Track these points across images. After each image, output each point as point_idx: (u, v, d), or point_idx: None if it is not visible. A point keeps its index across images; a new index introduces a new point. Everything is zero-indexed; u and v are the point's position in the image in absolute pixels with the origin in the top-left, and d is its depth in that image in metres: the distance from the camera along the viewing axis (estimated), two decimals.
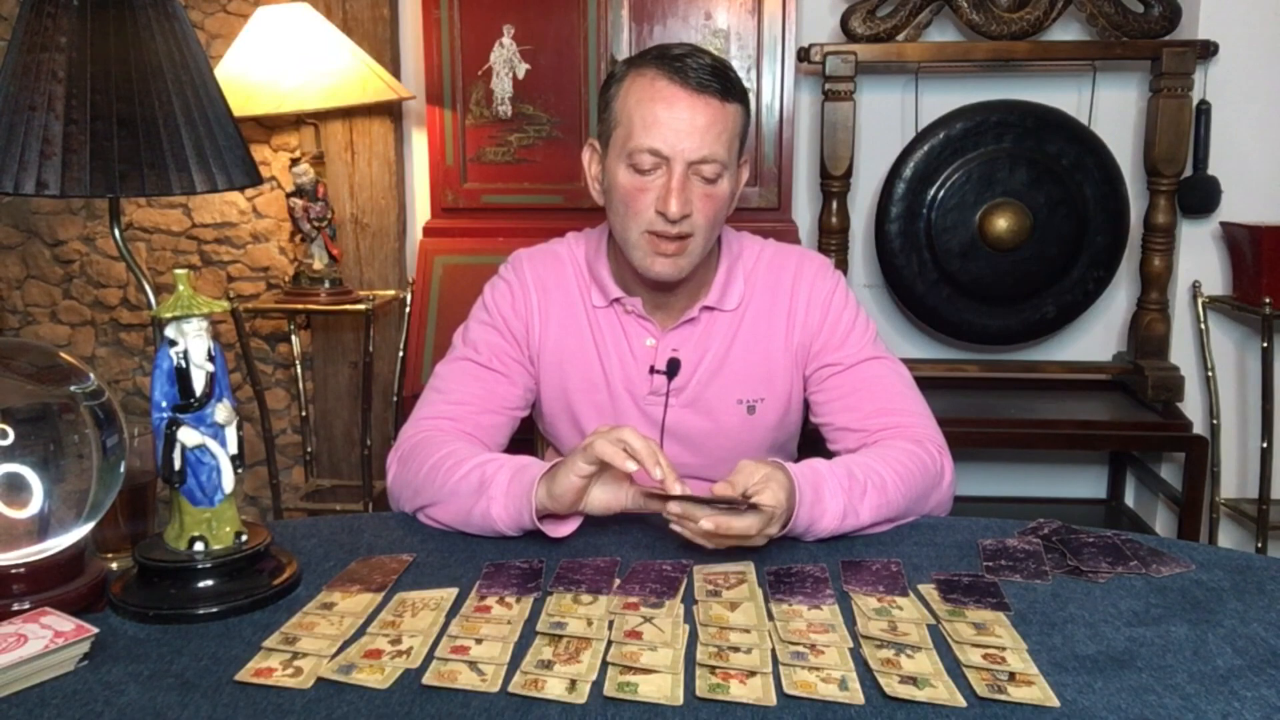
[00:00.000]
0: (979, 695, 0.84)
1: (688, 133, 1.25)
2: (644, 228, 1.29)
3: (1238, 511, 2.49)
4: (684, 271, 1.32)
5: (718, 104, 1.26)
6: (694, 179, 1.28)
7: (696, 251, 1.31)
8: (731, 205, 1.36)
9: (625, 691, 0.84)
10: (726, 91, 1.27)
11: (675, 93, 1.25)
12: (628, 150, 1.28)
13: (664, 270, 1.31)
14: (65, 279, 2.81)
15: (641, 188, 1.28)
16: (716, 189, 1.29)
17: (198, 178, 1.62)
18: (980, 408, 2.48)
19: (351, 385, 2.74)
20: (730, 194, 1.32)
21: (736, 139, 1.30)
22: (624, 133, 1.29)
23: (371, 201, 2.67)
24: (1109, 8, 2.39)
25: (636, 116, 1.27)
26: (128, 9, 1.59)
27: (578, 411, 1.43)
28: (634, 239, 1.31)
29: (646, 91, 1.27)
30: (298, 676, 0.87)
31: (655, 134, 1.26)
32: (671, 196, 1.26)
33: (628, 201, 1.30)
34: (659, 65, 1.27)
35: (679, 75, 1.25)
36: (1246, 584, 1.07)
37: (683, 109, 1.25)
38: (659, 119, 1.26)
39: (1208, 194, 2.46)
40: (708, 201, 1.29)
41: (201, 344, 1.01)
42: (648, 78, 1.27)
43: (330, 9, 2.56)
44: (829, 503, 1.16)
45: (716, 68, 1.27)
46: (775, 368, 1.41)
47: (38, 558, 0.98)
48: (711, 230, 1.32)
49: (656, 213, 1.27)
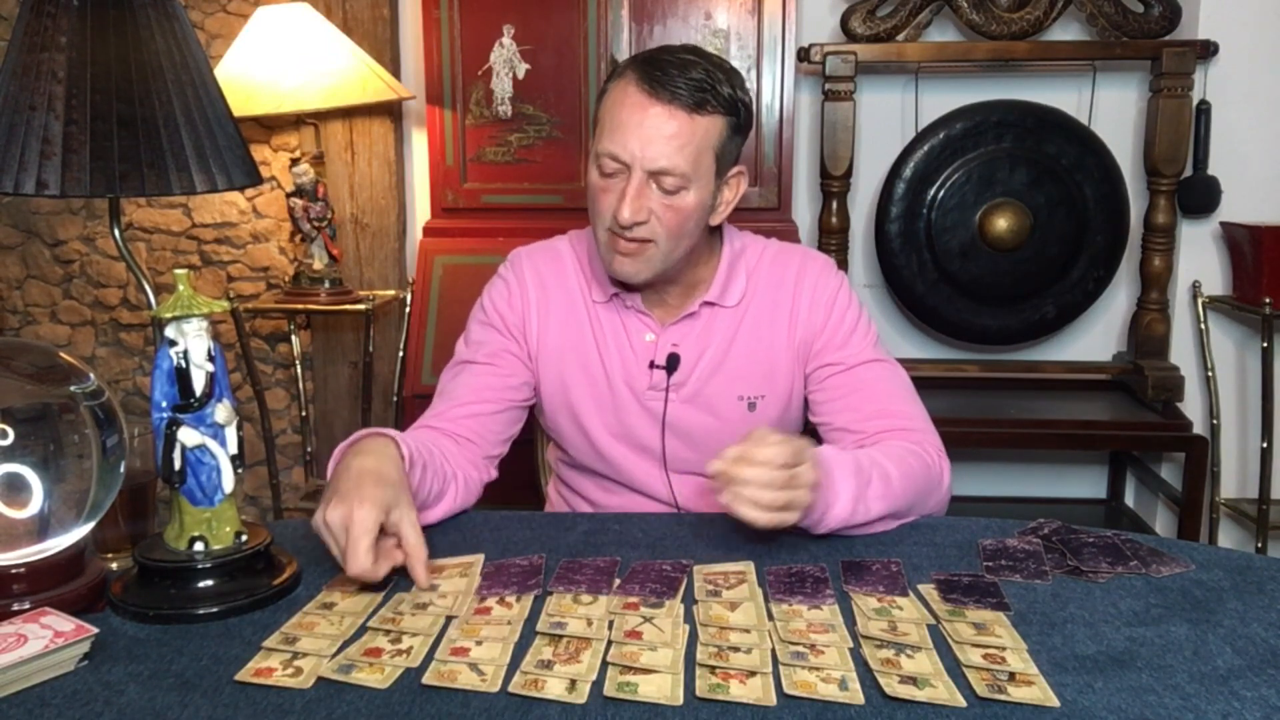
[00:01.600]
0: (979, 695, 0.84)
1: (649, 142, 1.25)
2: (605, 226, 1.31)
3: (1238, 511, 2.49)
4: (643, 275, 1.33)
5: (685, 116, 1.25)
6: (653, 188, 1.27)
7: (657, 259, 1.31)
8: (715, 216, 1.35)
9: (625, 691, 0.84)
10: (700, 104, 1.25)
11: (643, 101, 1.25)
12: (595, 151, 1.30)
13: (622, 268, 1.32)
14: (65, 279, 2.81)
15: (604, 189, 1.30)
16: (678, 201, 1.28)
17: (198, 178, 1.62)
18: (980, 408, 2.48)
19: (351, 385, 2.74)
20: (698, 206, 1.29)
21: (709, 151, 1.28)
22: (597, 134, 1.31)
23: (371, 201, 2.67)
24: (1109, 8, 2.39)
25: (607, 119, 1.29)
26: (128, 9, 1.59)
27: (578, 407, 1.43)
28: (599, 236, 1.33)
29: (620, 96, 1.28)
30: (298, 676, 0.87)
31: (617, 139, 1.26)
32: (624, 203, 1.26)
33: (594, 200, 1.32)
34: (639, 71, 1.27)
35: (653, 84, 1.25)
36: (1246, 584, 1.07)
37: (648, 117, 1.25)
38: (622, 124, 1.26)
39: (1208, 194, 2.46)
40: (669, 212, 1.28)
41: (201, 344, 1.01)
42: (625, 81, 1.28)
43: (330, 9, 2.56)
44: (840, 487, 1.15)
45: (700, 81, 1.25)
46: (777, 365, 1.41)
47: (38, 558, 0.98)
48: (676, 240, 1.31)
49: (613, 215, 1.28)
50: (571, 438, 1.46)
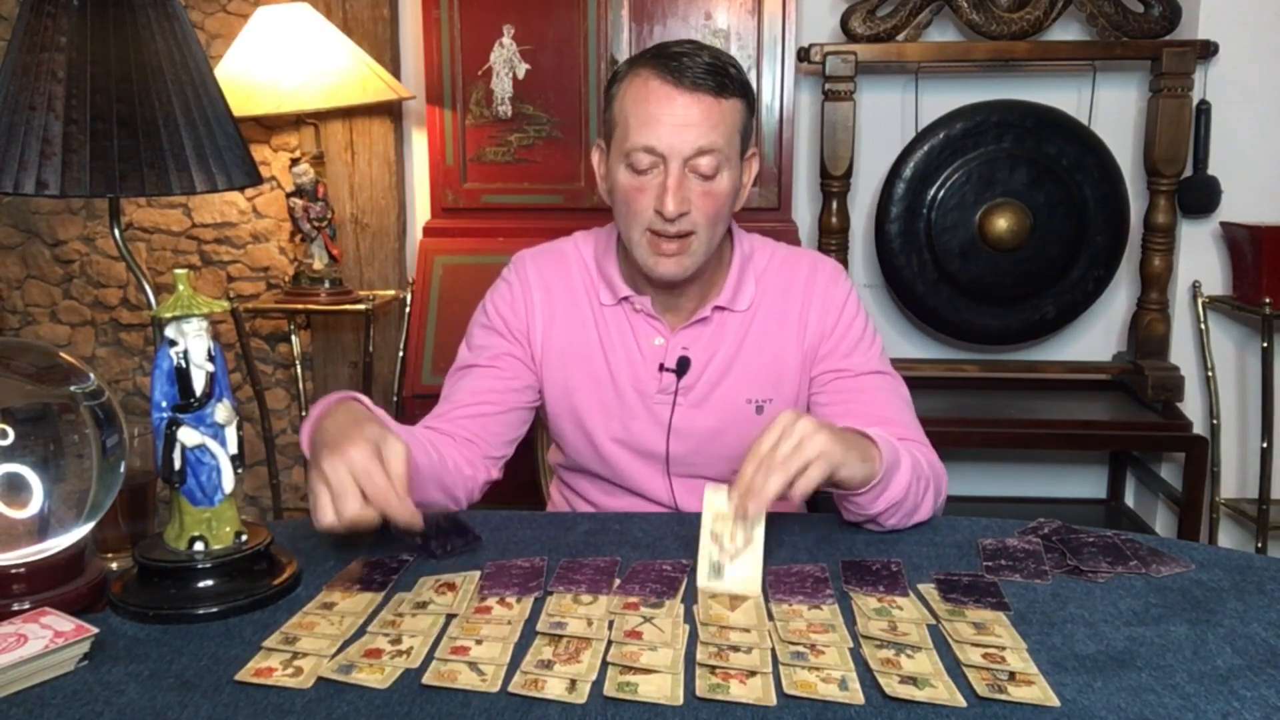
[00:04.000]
0: (979, 695, 0.84)
1: (682, 129, 1.25)
2: (644, 227, 1.30)
3: (1238, 511, 2.49)
4: (688, 270, 1.32)
5: (711, 100, 1.26)
6: (691, 177, 1.28)
7: (700, 250, 1.31)
8: (738, 201, 1.36)
9: (625, 691, 0.84)
10: (722, 88, 1.26)
11: (668, 91, 1.26)
12: (625, 150, 1.29)
13: (667, 270, 1.31)
14: (65, 279, 2.81)
15: (640, 187, 1.29)
16: (715, 185, 1.29)
17: (198, 178, 1.62)
18: (980, 408, 2.48)
19: (351, 385, 2.74)
20: (731, 189, 1.31)
21: (736, 133, 1.30)
22: (622, 133, 1.30)
23: (371, 201, 2.67)
24: (1109, 8, 2.39)
25: (632, 116, 1.28)
26: (128, 9, 1.59)
27: (581, 410, 1.42)
28: (636, 239, 1.31)
29: (641, 91, 1.27)
30: (298, 676, 0.87)
31: (650, 132, 1.26)
32: (668, 195, 1.26)
33: (628, 202, 1.30)
34: (654, 64, 1.27)
35: (673, 74, 1.25)
36: (1246, 584, 1.07)
37: (677, 106, 1.25)
38: (653, 117, 1.26)
39: (1208, 194, 2.46)
40: (707, 199, 1.29)
41: (201, 344, 1.01)
42: (643, 78, 1.28)
43: (330, 9, 2.56)
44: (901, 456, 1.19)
45: (714, 65, 1.27)
46: (785, 369, 1.41)
47: (38, 558, 0.98)
48: (714, 227, 1.31)
49: (655, 212, 1.28)
50: (573, 440, 1.45)
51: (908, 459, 1.21)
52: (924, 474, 1.23)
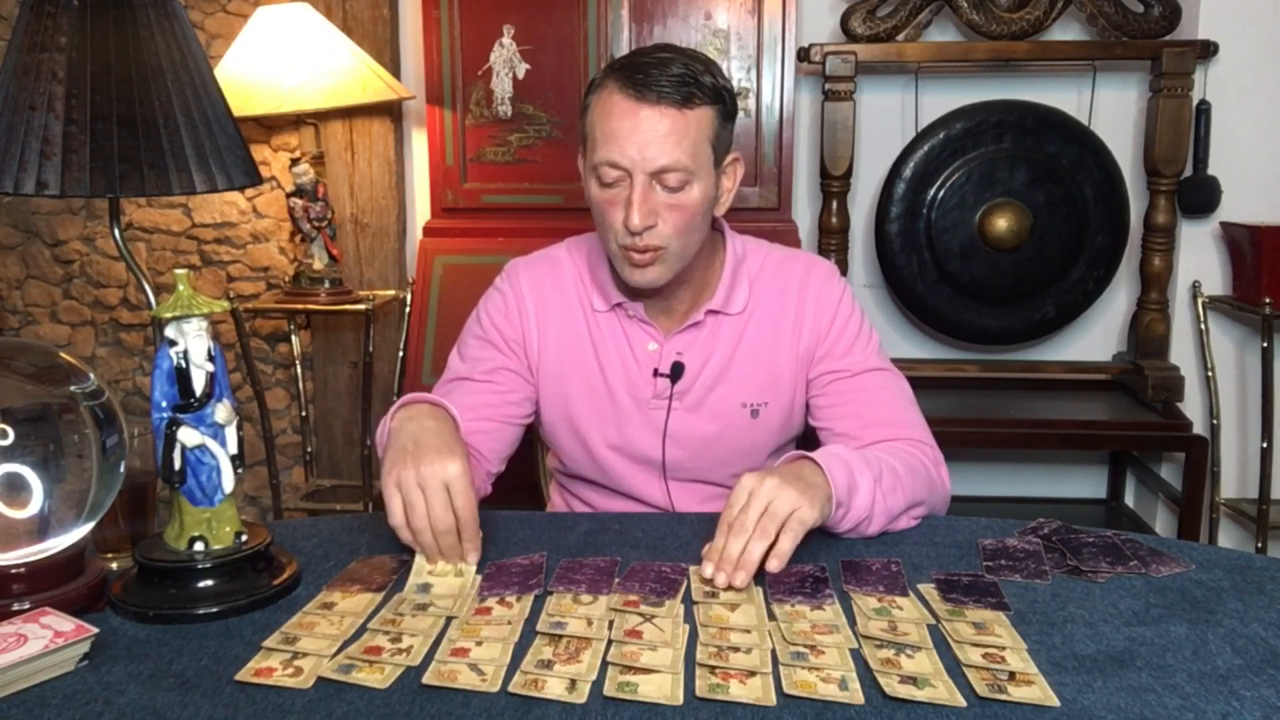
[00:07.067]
0: (979, 695, 0.84)
1: (646, 144, 1.24)
2: (616, 240, 1.29)
3: (1238, 511, 2.49)
4: (663, 279, 1.31)
5: (676, 113, 1.24)
6: (658, 189, 1.26)
7: (672, 260, 1.30)
8: (719, 206, 1.35)
9: (625, 691, 0.84)
10: (688, 99, 1.24)
11: (631, 106, 1.24)
12: (593, 164, 1.29)
13: (640, 280, 1.31)
14: (65, 279, 2.81)
15: (609, 200, 1.28)
16: (684, 197, 1.27)
17: (198, 178, 1.62)
18: (980, 408, 2.48)
19: (351, 385, 2.74)
20: (703, 199, 1.29)
21: (706, 143, 1.27)
22: (590, 145, 1.30)
23: (371, 201, 2.67)
24: (1109, 8, 2.39)
25: (598, 130, 1.27)
26: (128, 9, 1.59)
27: (577, 417, 1.42)
28: (613, 250, 1.31)
29: (606, 105, 1.27)
30: (298, 676, 0.87)
31: (613, 147, 1.25)
32: (633, 209, 1.25)
33: (601, 213, 1.30)
34: (619, 78, 1.26)
35: (636, 88, 1.24)
36: (1246, 584, 1.07)
37: (641, 121, 1.24)
38: (614, 132, 1.25)
39: (1208, 194, 2.46)
40: (675, 212, 1.27)
41: (201, 344, 1.01)
42: (609, 90, 1.27)
43: (330, 9, 2.56)
44: (859, 478, 1.16)
45: (683, 75, 1.24)
46: (780, 372, 1.41)
47: (38, 558, 0.98)
48: (685, 238, 1.30)
49: (623, 225, 1.27)
50: (569, 448, 1.45)
51: (868, 475, 1.17)
52: (900, 482, 1.21)
